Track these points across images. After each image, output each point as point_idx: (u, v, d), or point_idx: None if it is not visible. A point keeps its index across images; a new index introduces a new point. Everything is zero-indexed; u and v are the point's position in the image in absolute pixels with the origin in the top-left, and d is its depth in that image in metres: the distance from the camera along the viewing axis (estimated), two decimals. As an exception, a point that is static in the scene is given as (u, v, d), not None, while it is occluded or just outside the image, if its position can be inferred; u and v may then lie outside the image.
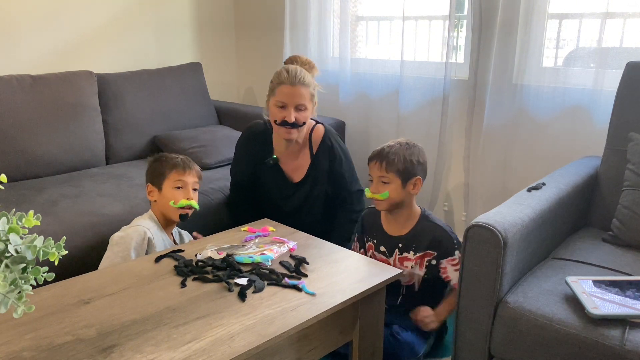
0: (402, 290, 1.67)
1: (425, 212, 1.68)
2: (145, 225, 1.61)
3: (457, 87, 2.27)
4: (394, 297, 1.67)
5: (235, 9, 3.28)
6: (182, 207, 1.64)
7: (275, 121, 1.76)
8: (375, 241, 1.72)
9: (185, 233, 1.83)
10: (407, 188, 1.61)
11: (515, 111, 2.09)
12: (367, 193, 1.65)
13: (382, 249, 1.69)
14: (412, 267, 1.63)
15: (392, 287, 1.62)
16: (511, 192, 1.99)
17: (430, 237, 1.61)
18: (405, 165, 1.60)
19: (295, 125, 1.74)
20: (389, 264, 1.66)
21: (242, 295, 1.19)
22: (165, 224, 1.69)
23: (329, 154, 1.89)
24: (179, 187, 1.66)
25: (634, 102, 1.67)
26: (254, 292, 1.21)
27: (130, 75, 2.64)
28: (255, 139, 1.90)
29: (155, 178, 1.69)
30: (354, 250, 1.77)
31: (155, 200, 1.69)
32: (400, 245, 1.65)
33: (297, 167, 1.89)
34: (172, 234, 1.73)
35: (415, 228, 1.64)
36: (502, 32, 2.04)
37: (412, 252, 1.63)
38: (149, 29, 2.91)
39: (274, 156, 1.87)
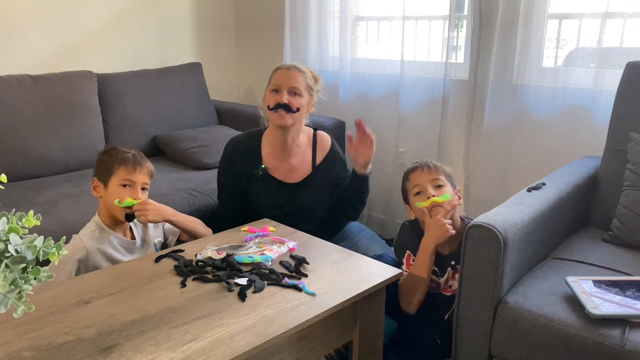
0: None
1: (465, 218, 1.61)
2: (85, 237, 1.50)
3: (457, 87, 2.27)
4: (443, 310, 1.56)
5: (235, 9, 3.28)
6: (128, 207, 1.51)
7: (268, 107, 1.72)
8: None
9: (153, 227, 1.67)
10: (455, 193, 1.57)
11: (515, 111, 2.09)
12: (421, 205, 1.52)
13: (435, 268, 1.55)
14: None
15: (441, 298, 1.56)
16: (511, 192, 1.98)
17: None
18: (448, 173, 1.59)
19: (288, 108, 1.69)
20: (439, 284, 1.57)
21: (242, 295, 1.19)
22: (114, 222, 1.56)
23: (336, 163, 1.85)
24: (125, 185, 1.52)
25: (634, 102, 1.67)
26: (254, 292, 1.21)
27: (130, 75, 2.64)
28: (238, 154, 1.82)
29: (102, 173, 1.54)
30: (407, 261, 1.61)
31: (100, 197, 1.55)
32: (452, 262, 1.55)
33: (291, 170, 1.82)
34: (130, 228, 1.61)
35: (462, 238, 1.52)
36: (502, 32, 2.04)
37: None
38: (149, 29, 2.91)
39: (262, 166, 1.80)
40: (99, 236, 1.52)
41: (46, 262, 0.78)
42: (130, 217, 1.53)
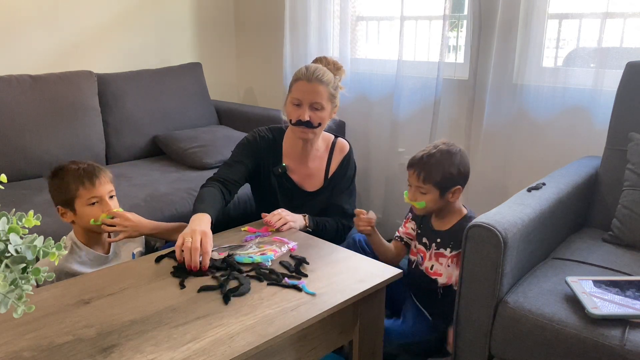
0: (440, 290, 1.61)
1: (471, 213, 1.62)
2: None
3: (456, 87, 2.27)
4: (431, 298, 1.62)
5: (235, 9, 3.28)
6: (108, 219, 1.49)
7: (290, 120, 1.68)
8: (419, 231, 1.68)
9: (134, 243, 1.62)
10: (446, 197, 1.57)
11: (515, 111, 2.09)
12: (405, 197, 1.62)
13: (425, 240, 1.64)
14: (448, 266, 1.58)
15: (428, 287, 1.61)
16: (511, 192, 1.98)
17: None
18: (444, 177, 1.53)
19: (309, 125, 1.65)
20: (425, 256, 1.63)
21: (226, 298, 1.17)
22: (90, 238, 1.53)
23: (347, 171, 1.83)
24: (93, 203, 1.47)
25: (634, 102, 1.67)
26: (234, 296, 1.18)
27: (130, 75, 2.65)
28: (265, 142, 1.79)
29: (62, 199, 1.48)
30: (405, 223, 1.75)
31: (72, 222, 1.51)
32: (438, 240, 1.60)
33: (308, 176, 1.81)
34: (109, 243, 1.57)
35: (456, 225, 1.58)
36: (502, 32, 2.04)
37: (448, 250, 1.58)
38: (149, 29, 2.91)
39: (283, 164, 1.78)
40: (68, 256, 1.48)
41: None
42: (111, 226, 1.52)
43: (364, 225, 1.64)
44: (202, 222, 1.40)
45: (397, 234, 1.78)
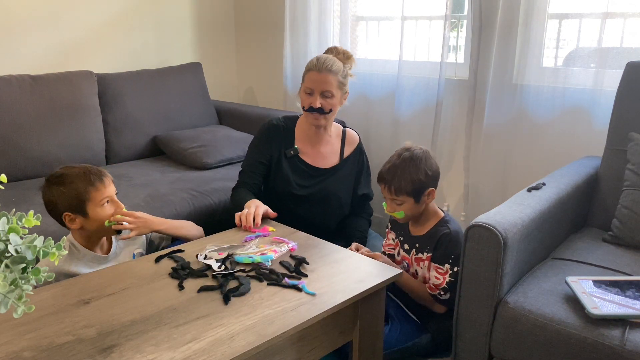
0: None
1: (447, 216, 1.64)
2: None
3: (457, 87, 2.27)
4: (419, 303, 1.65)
5: (235, 9, 3.28)
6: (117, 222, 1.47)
7: (303, 107, 1.80)
8: (402, 238, 1.72)
9: (136, 243, 1.61)
10: (422, 200, 1.59)
11: (515, 111, 2.09)
12: (385, 209, 1.65)
13: (406, 246, 1.68)
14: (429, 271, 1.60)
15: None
16: (511, 192, 1.99)
17: (437, 239, 1.58)
18: (413, 186, 1.55)
19: (321, 111, 1.77)
20: (410, 262, 1.67)
21: (226, 298, 1.17)
22: (90, 241, 1.51)
23: (357, 162, 1.94)
24: (105, 204, 1.47)
25: (634, 102, 1.67)
26: (234, 296, 1.18)
27: (130, 75, 2.65)
28: (276, 131, 1.89)
29: (72, 204, 1.43)
30: (386, 238, 1.81)
31: (81, 227, 1.46)
32: (417, 245, 1.64)
33: (320, 157, 1.90)
34: (111, 242, 1.56)
35: (432, 230, 1.61)
36: (502, 32, 2.04)
37: (424, 253, 1.61)
38: (149, 29, 2.91)
39: (295, 147, 1.87)
40: (67, 258, 1.46)
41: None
42: (120, 231, 1.52)
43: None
44: (252, 200, 1.69)
45: (382, 249, 1.83)
